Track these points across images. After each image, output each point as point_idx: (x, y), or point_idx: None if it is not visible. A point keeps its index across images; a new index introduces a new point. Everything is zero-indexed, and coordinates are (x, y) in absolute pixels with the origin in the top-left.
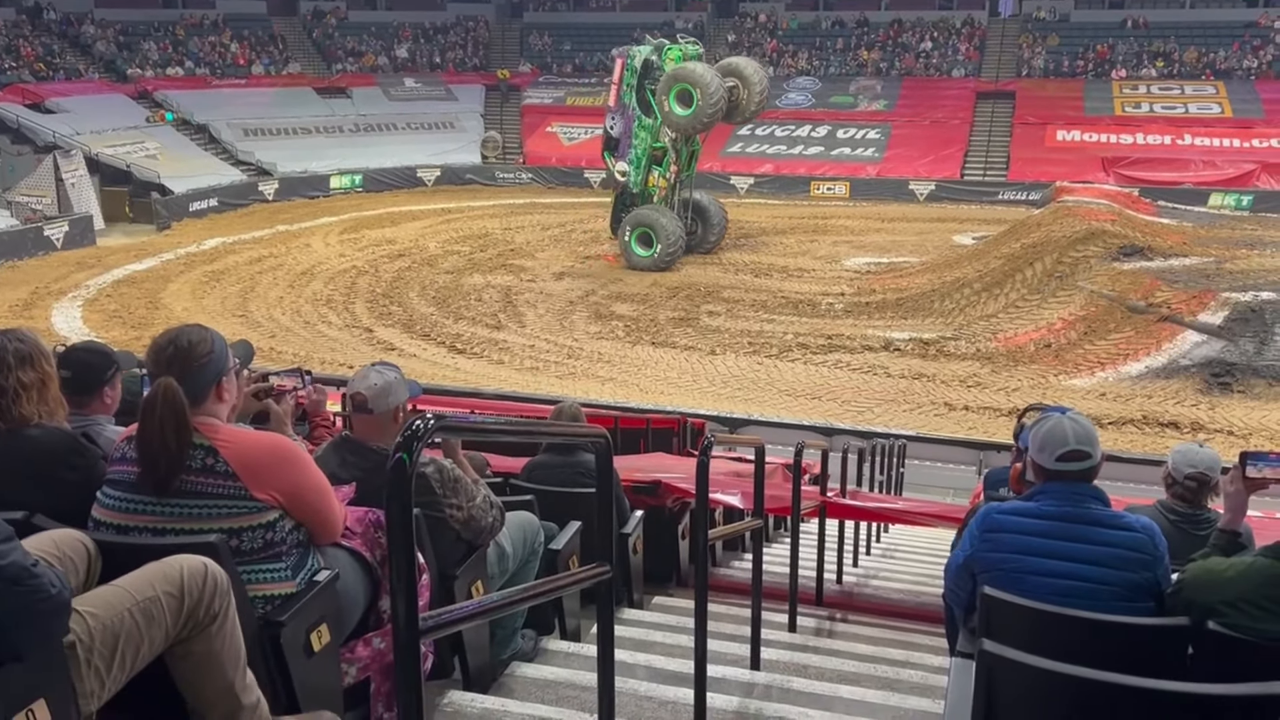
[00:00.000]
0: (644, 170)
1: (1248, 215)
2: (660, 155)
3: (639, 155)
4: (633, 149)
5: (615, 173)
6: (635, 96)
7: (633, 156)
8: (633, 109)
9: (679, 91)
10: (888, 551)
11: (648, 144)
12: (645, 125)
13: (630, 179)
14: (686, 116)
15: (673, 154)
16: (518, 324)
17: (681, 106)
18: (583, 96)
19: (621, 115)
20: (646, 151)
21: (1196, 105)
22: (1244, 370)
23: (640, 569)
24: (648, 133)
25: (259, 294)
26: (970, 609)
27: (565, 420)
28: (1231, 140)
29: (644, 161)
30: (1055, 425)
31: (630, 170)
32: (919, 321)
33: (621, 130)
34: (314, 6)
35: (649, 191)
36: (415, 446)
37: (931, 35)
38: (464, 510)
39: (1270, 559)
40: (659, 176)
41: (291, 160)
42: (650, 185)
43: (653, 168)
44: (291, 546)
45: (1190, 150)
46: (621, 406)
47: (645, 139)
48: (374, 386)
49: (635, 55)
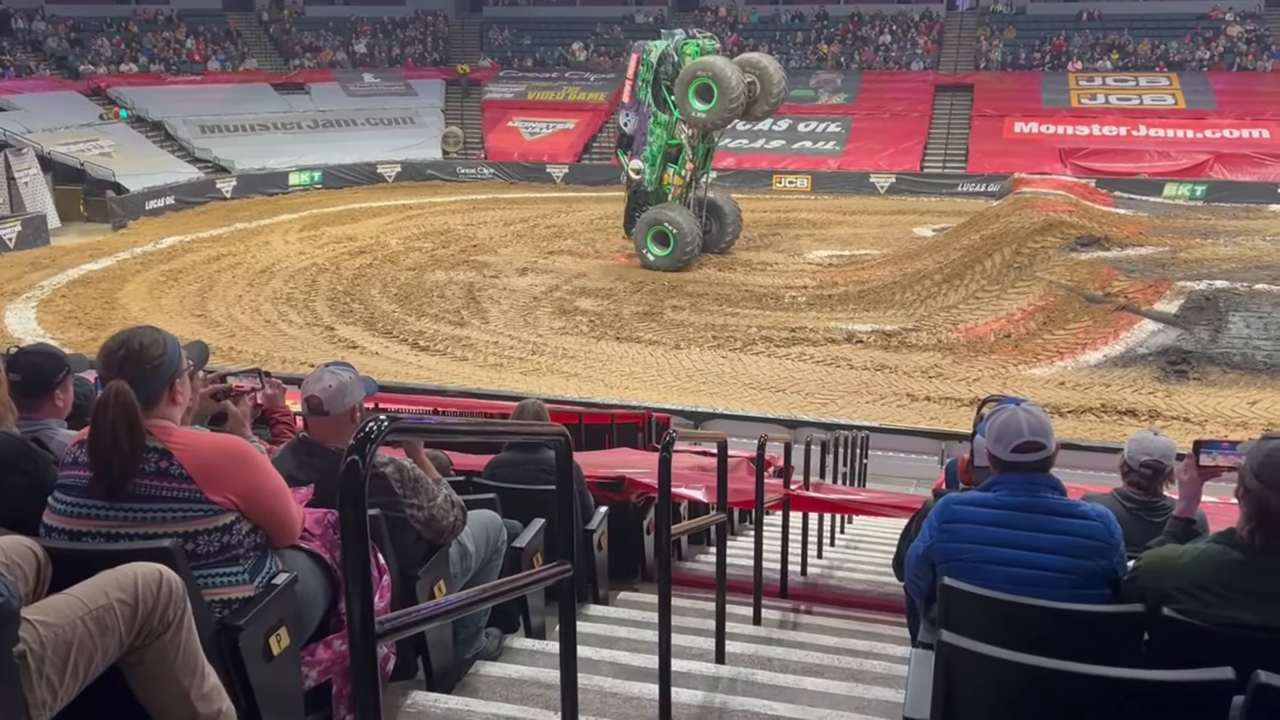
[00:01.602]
0: (659, 168)
1: (1201, 205)
2: (676, 152)
3: (654, 152)
4: (648, 146)
5: (629, 171)
6: (651, 92)
7: (648, 154)
8: (648, 105)
9: (699, 86)
10: (852, 542)
11: (663, 141)
12: (661, 121)
13: (645, 177)
14: (706, 112)
15: (689, 151)
16: (481, 320)
17: (701, 102)
18: (544, 91)
19: (636, 111)
20: (662, 149)
21: (1150, 97)
22: (1199, 358)
23: (605, 565)
24: (663, 129)
25: (218, 293)
26: (930, 599)
27: (528, 418)
28: (1185, 131)
29: (659, 159)
30: (1010, 417)
31: (645, 168)
32: (881, 313)
33: (636, 127)
34: (270, 1)
35: (664, 190)
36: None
37: (890, 28)
38: (425, 510)
39: (1222, 545)
40: (674, 174)
41: (249, 157)
42: (665, 183)
43: (668, 165)
44: (249, 549)
45: (1145, 141)
46: (586, 402)
47: (661, 136)
48: (329, 388)
49: (651, 50)
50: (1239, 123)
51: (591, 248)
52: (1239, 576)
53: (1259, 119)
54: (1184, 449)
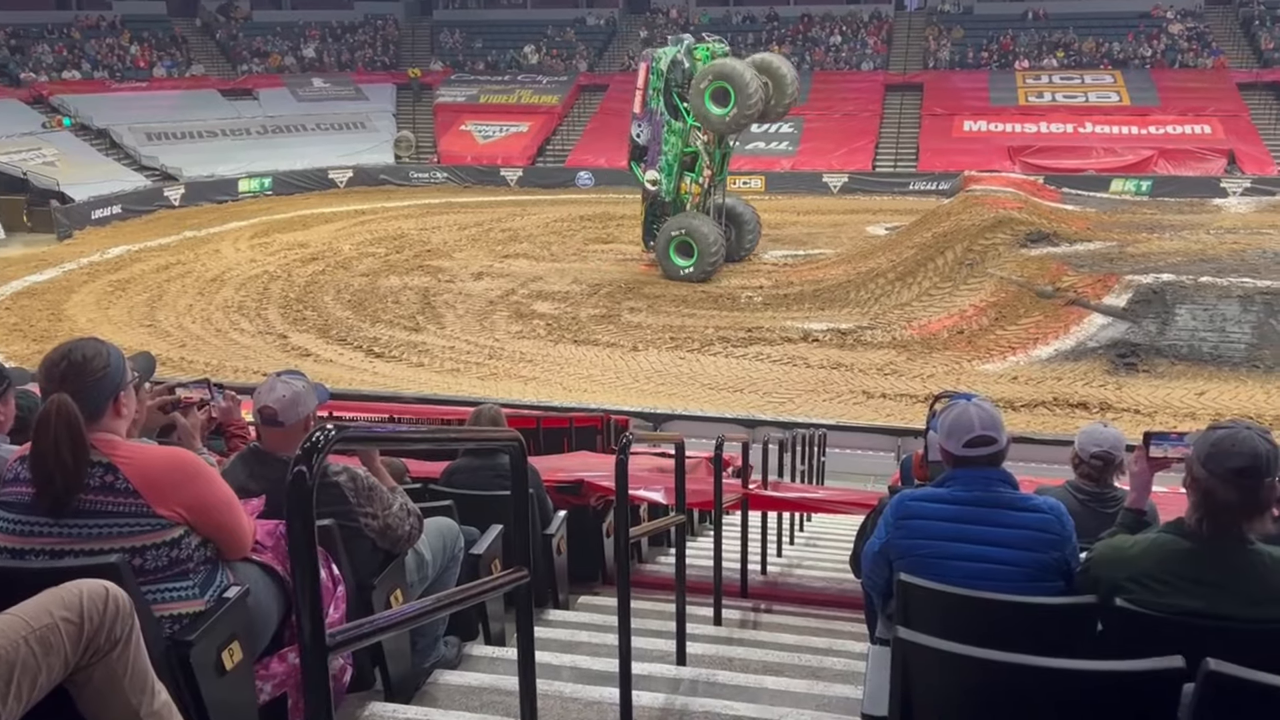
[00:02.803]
0: (676, 177)
1: (1147, 200)
2: (691, 160)
3: (670, 162)
4: (663, 155)
5: (645, 182)
6: (663, 100)
7: (663, 163)
8: (660, 114)
9: (715, 90)
10: (811, 540)
11: (678, 149)
12: (675, 130)
13: (662, 187)
14: (723, 116)
15: (705, 158)
16: (437, 325)
17: (718, 106)
18: (496, 94)
19: (649, 121)
20: (678, 157)
21: (1096, 94)
22: (1148, 350)
23: (565, 569)
24: (678, 137)
25: (167, 302)
26: (888, 595)
27: (484, 423)
28: (1130, 127)
29: (675, 168)
30: (961, 412)
31: (661, 178)
32: (836, 312)
33: (649, 137)
34: (217, 6)
35: (682, 199)
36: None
37: (840, 29)
38: (379, 519)
39: (1172, 535)
40: (691, 182)
41: (197, 164)
42: (683, 192)
43: (684, 174)
44: (199, 563)
45: (1091, 138)
46: (544, 406)
47: (676, 144)
48: (282, 398)
49: (660, 58)
50: (1182, 119)
51: (548, 250)
52: (1188, 565)
53: (1201, 115)
54: (1134, 440)
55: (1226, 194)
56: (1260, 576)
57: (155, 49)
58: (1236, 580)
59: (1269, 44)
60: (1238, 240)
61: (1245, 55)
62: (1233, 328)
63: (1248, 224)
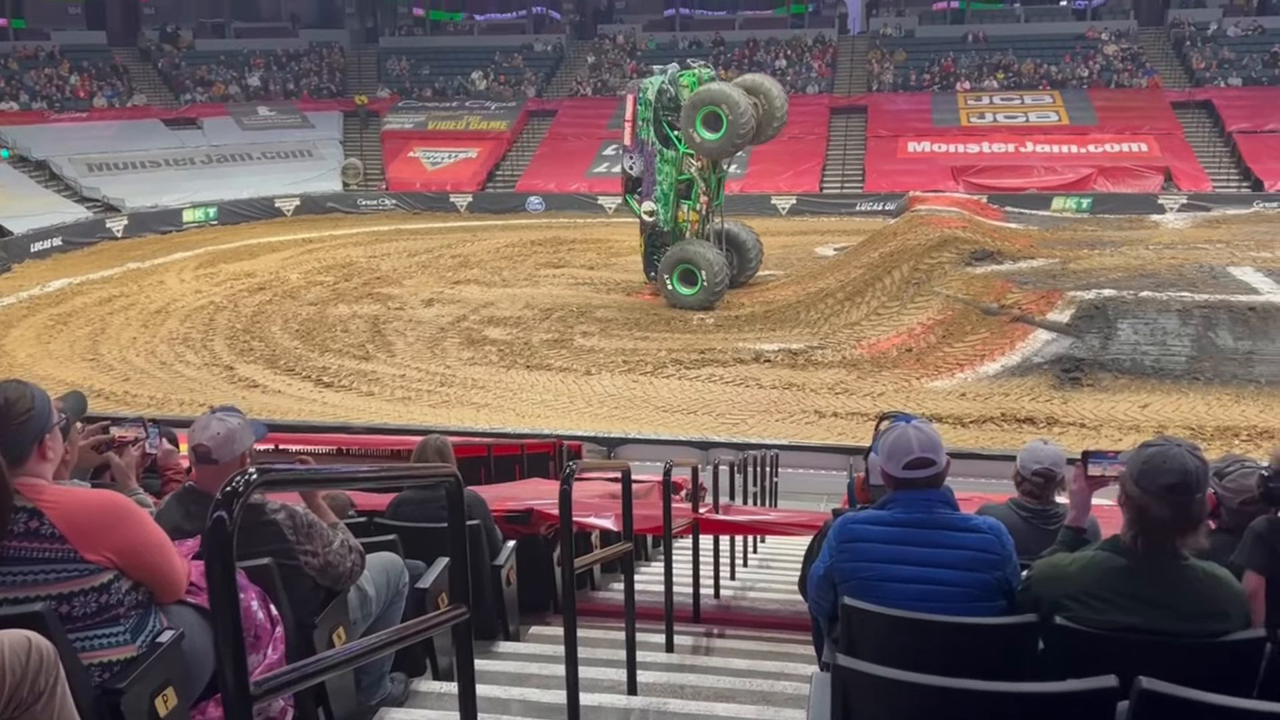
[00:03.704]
0: (672, 206)
1: (1088, 217)
2: (687, 188)
3: (665, 191)
4: (657, 186)
5: (642, 214)
6: (653, 130)
7: (658, 194)
8: (652, 144)
9: (706, 114)
10: (764, 562)
11: (673, 178)
12: (667, 159)
13: (659, 218)
14: (716, 140)
15: (700, 184)
16: (387, 354)
17: (710, 131)
18: (444, 120)
19: (640, 153)
20: (673, 186)
21: (1036, 114)
22: (1091, 365)
23: (515, 600)
24: (671, 166)
25: (110, 335)
26: (834, 619)
27: (431, 454)
28: (1069, 146)
29: (671, 197)
30: (900, 435)
31: (658, 208)
32: (787, 332)
33: (643, 168)
34: (159, 35)
35: (680, 227)
36: (235, 504)
37: (785, 53)
38: (320, 556)
39: (1108, 552)
40: (689, 210)
41: (141, 195)
42: (681, 220)
43: (681, 202)
44: (130, 608)
45: (1032, 157)
46: (496, 433)
47: (669, 173)
48: (217, 435)
49: (647, 88)
50: (1119, 137)
51: (499, 276)
52: (1125, 582)
53: (1138, 133)
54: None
55: (1164, 210)
56: (1194, 592)
57: (95, 79)
58: (1171, 596)
59: (1200, 64)
60: (1175, 255)
61: (1178, 75)
62: (1173, 341)
63: (1185, 239)
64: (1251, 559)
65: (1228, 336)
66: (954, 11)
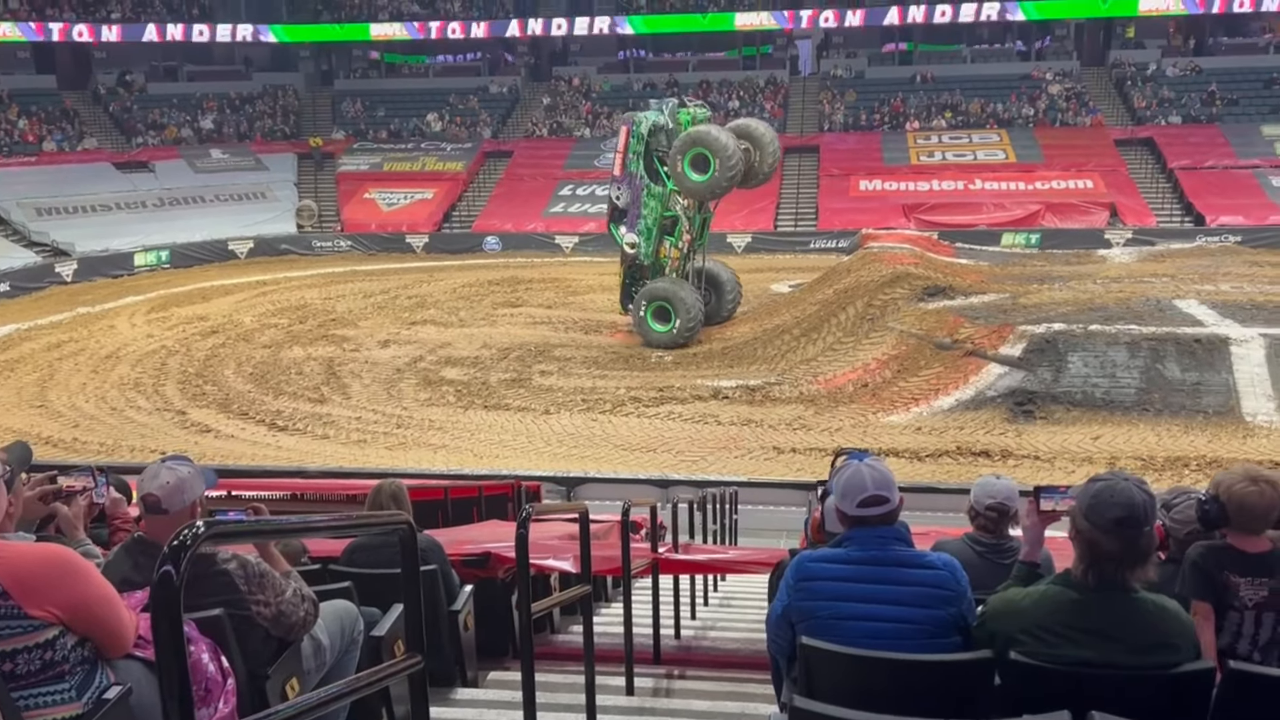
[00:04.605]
0: (655, 241)
1: (1036, 252)
2: (671, 224)
3: (649, 226)
4: (642, 219)
5: (624, 245)
6: (643, 164)
7: (642, 227)
8: (640, 177)
9: (694, 156)
10: (725, 600)
11: (658, 213)
12: (655, 194)
13: (641, 251)
14: (703, 183)
15: (685, 222)
16: (342, 396)
17: (697, 173)
18: (400, 162)
19: (629, 185)
20: (657, 221)
21: (984, 152)
22: (1044, 397)
23: (473, 645)
24: (658, 201)
25: (59, 381)
26: (793, 658)
27: (385, 499)
28: (1017, 183)
29: (654, 232)
30: (854, 473)
31: (640, 241)
32: (745, 369)
33: (629, 200)
34: (114, 80)
35: (661, 263)
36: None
37: (738, 94)
38: (272, 606)
39: (1060, 586)
40: (671, 246)
41: (91, 239)
42: (663, 256)
43: (664, 237)
44: (75, 664)
45: (981, 194)
46: (454, 474)
47: (655, 208)
48: (166, 485)
49: (641, 122)
50: (1065, 174)
51: (456, 316)
52: (1077, 616)
53: (1083, 170)
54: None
55: (1110, 245)
56: (1144, 624)
57: (45, 123)
58: (1122, 629)
59: (1141, 102)
60: (1123, 289)
61: (1120, 113)
62: (1122, 373)
63: (1131, 273)
64: (1194, 588)
65: (1175, 368)
66: (902, 53)
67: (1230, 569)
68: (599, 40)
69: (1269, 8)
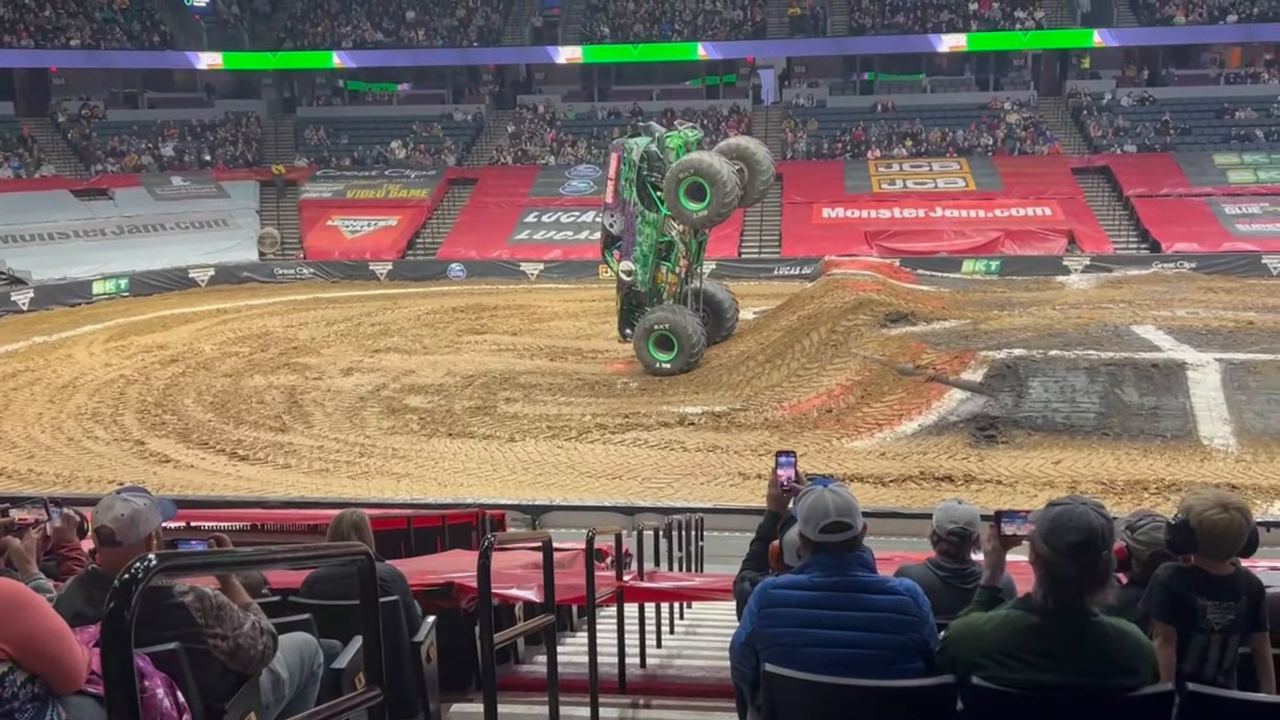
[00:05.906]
0: (651, 267)
1: (997, 279)
2: (667, 249)
3: (645, 252)
4: (637, 246)
5: (620, 273)
6: (636, 191)
7: (638, 254)
8: (634, 204)
9: (689, 185)
10: (691, 628)
11: (653, 239)
12: (649, 220)
13: (637, 278)
14: (700, 211)
15: (681, 247)
16: (304, 425)
17: (693, 201)
18: (363, 189)
19: (622, 211)
20: (653, 248)
21: (944, 180)
22: (1005, 422)
23: (435, 677)
24: (652, 228)
25: (14, 412)
26: (757, 686)
27: (346, 529)
28: (977, 211)
29: (650, 258)
30: (817, 499)
31: (637, 269)
32: (710, 395)
33: (623, 227)
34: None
35: (659, 289)
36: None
37: (702, 123)
38: (229, 639)
39: (1021, 610)
40: (668, 272)
41: (48, 267)
42: (659, 282)
43: (660, 263)
44: (25, 701)
45: (942, 222)
46: (417, 504)
47: (650, 234)
48: (121, 517)
49: (632, 148)
50: (1024, 201)
51: (420, 343)
52: (1037, 639)
53: (1041, 198)
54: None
55: (1069, 271)
56: (1103, 648)
57: (2, 150)
58: (1081, 652)
59: (1097, 131)
60: (1081, 315)
61: (1077, 142)
62: (1082, 398)
63: (1090, 299)
64: (1160, 609)
65: (1134, 393)
66: (864, 83)
67: (1199, 592)
68: (563, 69)
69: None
